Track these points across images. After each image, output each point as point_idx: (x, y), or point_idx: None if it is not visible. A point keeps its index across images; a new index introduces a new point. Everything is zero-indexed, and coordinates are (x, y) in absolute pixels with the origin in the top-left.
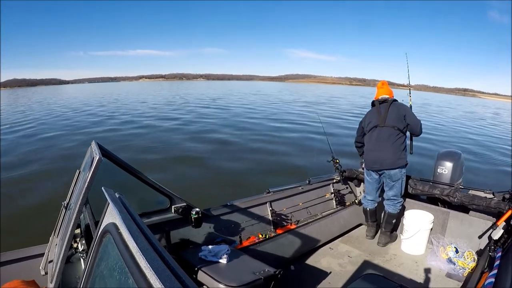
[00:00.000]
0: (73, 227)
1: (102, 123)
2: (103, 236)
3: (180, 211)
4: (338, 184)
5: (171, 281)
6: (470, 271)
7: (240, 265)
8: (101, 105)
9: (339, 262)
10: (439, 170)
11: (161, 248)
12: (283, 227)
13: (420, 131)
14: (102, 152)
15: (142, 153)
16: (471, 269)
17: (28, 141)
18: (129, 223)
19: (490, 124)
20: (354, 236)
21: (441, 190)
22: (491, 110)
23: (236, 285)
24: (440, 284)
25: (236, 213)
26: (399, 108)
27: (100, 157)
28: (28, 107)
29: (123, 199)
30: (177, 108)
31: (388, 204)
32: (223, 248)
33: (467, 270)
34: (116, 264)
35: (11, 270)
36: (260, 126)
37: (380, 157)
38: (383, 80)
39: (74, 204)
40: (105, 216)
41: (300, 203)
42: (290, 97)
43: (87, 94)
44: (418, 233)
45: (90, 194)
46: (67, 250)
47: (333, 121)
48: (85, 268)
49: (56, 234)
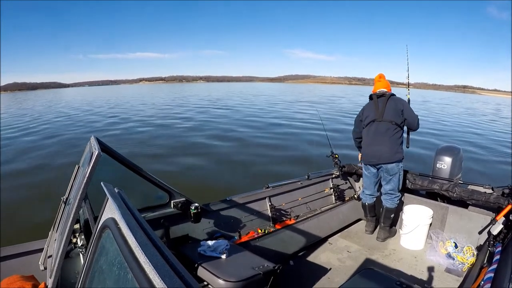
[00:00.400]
0: (72, 222)
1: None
2: (102, 231)
3: (179, 206)
4: (337, 179)
5: (170, 276)
6: (469, 266)
7: (239, 260)
8: (123, 109)
9: (338, 257)
10: (438, 165)
11: (160, 243)
12: (282, 222)
13: (417, 126)
14: (101, 147)
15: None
16: (470, 264)
17: None
18: (128, 218)
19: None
20: (353, 231)
21: (440, 185)
22: (491, 106)
23: (235, 280)
24: (439, 279)
25: (235, 208)
26: (396, 102)
27: (99, 152)
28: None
29: (122, 194)
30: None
31: (385, 199)
32: (222, 243)
33: (466, 265)
34: (115, 259)
35: (10, 265)
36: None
37: (378, 151)
38: (380, 73)
39: (73, 199)
40: (104, 211)
41: (300, 198)
42: (295, 97)
43: (100, 97)
44: (417, 228)
45: (89, 189)
46: (66, 245)
47: (336, 119)
48: (84, 263)
49: (55, 229)
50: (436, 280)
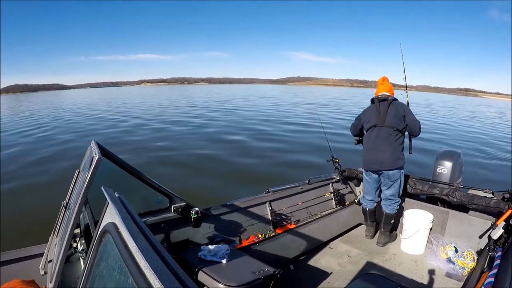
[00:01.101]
0: (72, 227)
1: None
2: (102, 235)
3: (179, 211)
4: (337, 183)
5: (170, 281)
6: (469, 271)
7: (239, 265)
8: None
9: (338, 262)
10: (439, 169)
11: (161, 247)
12: (282, 227)
13: (419, 132)
14: (102, 151)
15: None
16: (470, 268)
17: None
18: (128, 223)
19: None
20: (353, 236)
21: (441, 189)
22: (494, 109)
23: (235, 285)
24: (440, 283)
25: (235, 213)
26: (398, 108)
27: (99, 156)
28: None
29: (123, 198)
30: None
31: (385, 205)
32: (222, 248)
33: (466, 270)
34: (116, 264)
35: (10, 270)
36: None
37: (379, 158)
38: (384, 76)
39: (73, 204)
40: (104, 216)
41: (300, 202)
42: (300, 98)
43: (108, 98)
44: (418, 233)
45: (90, 193)
46: (67, 250)
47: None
48: (85, 268)
49: (55, 234)
50: (436, 284)
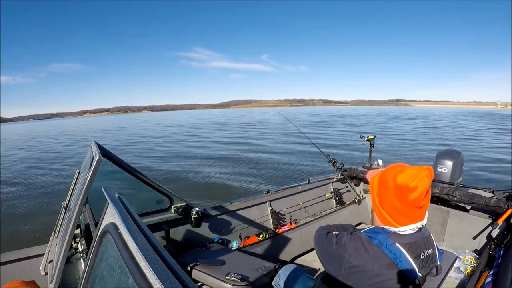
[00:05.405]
0: (73, 227)
1: None
2: (103, 236)
3: (180, 211)
4: (337, 183)
5: (171, 281)
6: (470, 270)
7: (240, 264)
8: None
9: None
10: (439, 168)
11: (161, 248)
12: (283, 227)
13: None
14: (102, 152)
15: None
16: (471, 268)
17: None
18: (129, 223)
19: None
20: None
21: (441, 188)
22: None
23: (238, 284)
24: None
25: (236, 213)
26: None
27: (99, 157)
28: None
29: (123, 199)
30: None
31: None
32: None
33: (467, 269)
34: (116, 264)
35: (11, 270)
36: None
37: None
38: None
39: (73, 204)
40: (105, 216)
41: (300, 202)
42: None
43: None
44: None
45: (90, 194)
46: (67, 250)
47: None
48: (85, 268)
49: (56, 234)
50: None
